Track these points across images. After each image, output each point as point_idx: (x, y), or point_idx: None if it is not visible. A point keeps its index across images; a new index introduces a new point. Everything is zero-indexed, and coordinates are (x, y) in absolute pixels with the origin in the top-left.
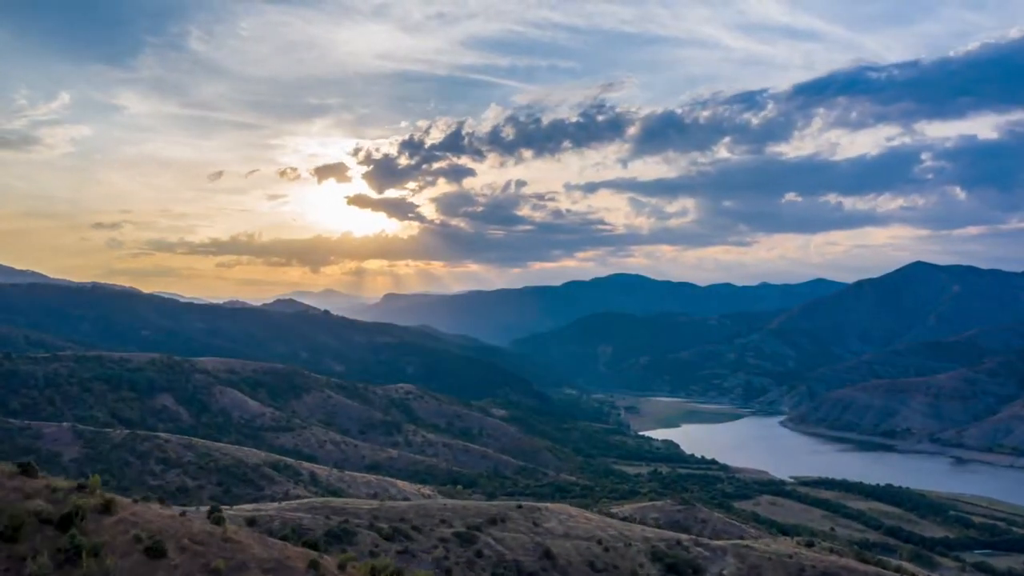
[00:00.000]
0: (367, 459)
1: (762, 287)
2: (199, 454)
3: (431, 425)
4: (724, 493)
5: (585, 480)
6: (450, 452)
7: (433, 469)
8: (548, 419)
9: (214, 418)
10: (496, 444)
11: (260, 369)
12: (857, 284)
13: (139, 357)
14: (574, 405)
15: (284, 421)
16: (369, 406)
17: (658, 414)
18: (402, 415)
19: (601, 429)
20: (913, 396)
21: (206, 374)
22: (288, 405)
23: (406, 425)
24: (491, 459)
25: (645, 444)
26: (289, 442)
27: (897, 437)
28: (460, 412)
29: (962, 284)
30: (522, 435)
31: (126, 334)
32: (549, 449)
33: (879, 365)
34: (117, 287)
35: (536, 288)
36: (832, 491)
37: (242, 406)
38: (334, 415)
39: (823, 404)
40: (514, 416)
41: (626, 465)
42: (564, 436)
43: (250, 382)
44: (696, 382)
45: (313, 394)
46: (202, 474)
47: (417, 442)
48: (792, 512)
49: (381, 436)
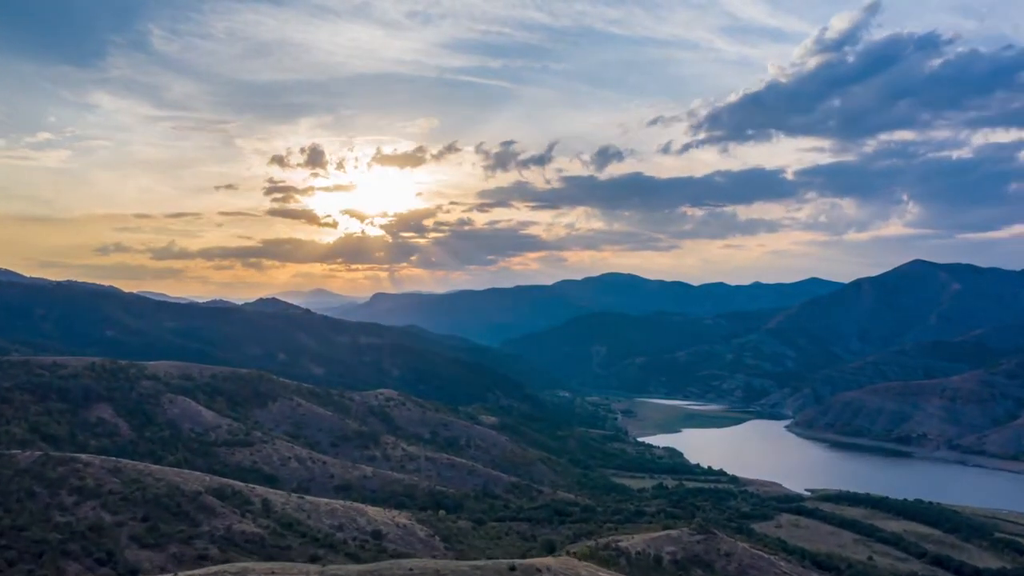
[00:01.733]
0: (336, 478)
1: (755, 286)
2: (126, 480)
3: (413, 436)
4: (740, 513)
5: (585, 498)
6: (434, 467)
7: (413, 489)
8: (542, 426)
9: (159, 432)
10: (486, 456)
11: (221, 374)
12: (855, 283)
13: (76, 362)
14: (568, 409)
15: (243, 434)
16: (344, 415)
17: (656, 418)
18: (381, 425)
19: (598, 436)
20: (927, 399)
21: (155, 381)
22: (250, 415)
23: (384, 436)
24: (480, 475)
25: (646, 453)
26: (246, 459)
27: (913, 443)
28: (446, 420)
29: (961, 282)
30: (514, 445)
31: (90, 335)
32: (544, 461)
33: (886, 366)
34: (87, 285)
35: (527, 287)
36: (858, 508)
37: (194, 417)
38: (302, 426)
39: (831, 408)
40: (505, 424)
41: (627, 478)
42: (559, 445)
43: (207, 389)
44: (693, 383)
45: (280, 402)
46: (125, 507)
47: (396, 456)
48: (819, 535)
49: (355, 450)
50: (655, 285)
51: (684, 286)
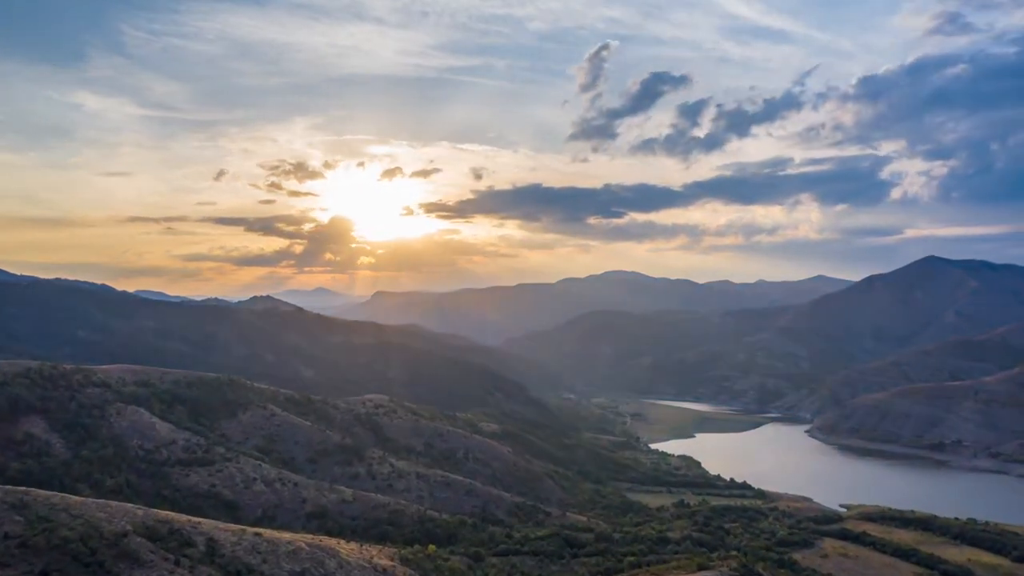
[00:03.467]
0: (310, 503)
1: (760, 284)
2: (32, 519)
3: (404, 447)
4: (778, 539)
5: (599, 522)
6: (426, 486)
7: (400, 515)
8: (548, 433)
9: (101, 450)
10: (486, 471)
11: (185, 379)
12: (867, 280)
13: (9, 367)
14: (575, 413)
15: (201, 450)
16: (326, 425)
17: (668, 421)
18: (368, 435)
19: (608, 443)
20: (959, 403)
21: (104, 388)
22: (216, 427)
23: (371, 450)
24: (478, 494)
25: (662, 463)
26: (203, 481)
27: (947, 451)
28: (442, 430)
29: (978, 279)
30: (518, 458)
31: (64, 334)
32: (551, 475)
33: (909, 367)
34: (64, 282)
35: (530, 285)
36: (908, 530)
37: (145, 431)
38: (276, 439)
39: (856, 411)
40: (507, 432)
41: (644, 493)
42: (567, 455)
43: (166, 397)
44: (704, 384)
45: (252, 411)
46: (20, 556)
47: (383, 473)
48: (873, 567)
49: (336, 466)
50: (660, 283)
51: (689, 284)
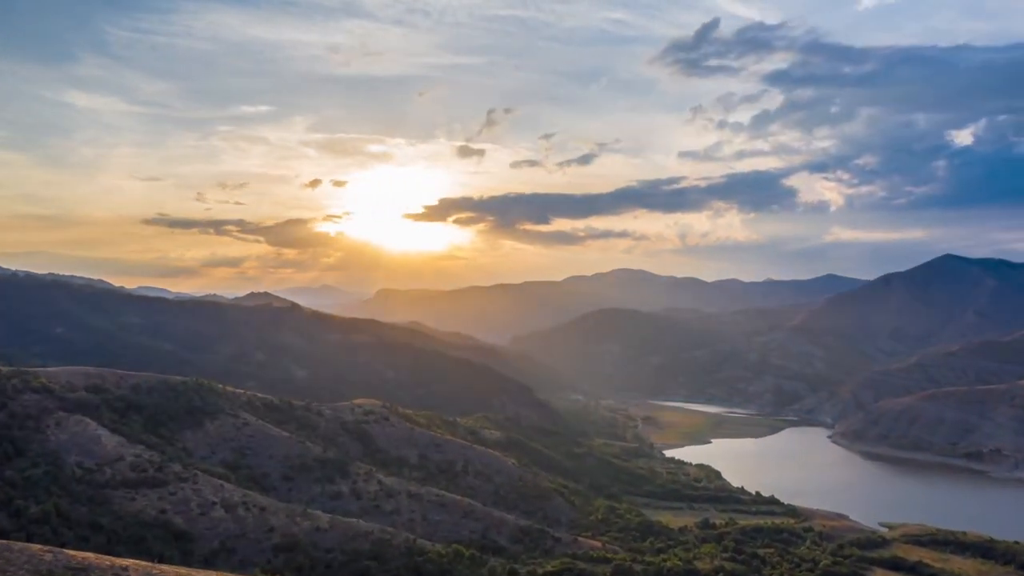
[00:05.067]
0: (278, 531)
1: (767, 283)
2: None
3: (396, 460)
4: (821, 570)
5: (616, 548)
6: (418, 508)
7: (385, 546)
8: (556, 440)
9: (29, 469)
10: (488, 487)
11: (146, 384)
12: (884, 278)
13: None
14: (584, 417)
15: (154, 468)
16: (308, 434)
17: (681, 425)
18: (356, 446)
19: (620, 450)
20: (995, 408)
21: (45, 394)
22: (177, 439)
23: (356, 465)
24: (478, 517)
25: (679, 473)
26: (152, 506)
27: (986, 460)
28: (439, 439)
29: (997, 278)
30: (524, 471)
31: (41, 331)
32: (560, 491)
33: (933, 368)
34: (44, 277)
35: (535, 283)
36: (964, 556)
37: (88, 445)
38: (247, 452)
39: (882, 416)
40: (513, 440)
41: (663, 509)
42: (577, 464)
43: (120, 405)
44: (716, 385)
45: (221, 420)
46: None
47: (369, 492)
48: None
49: (315, 484)
50: (666, 281)
51: (695, 282)
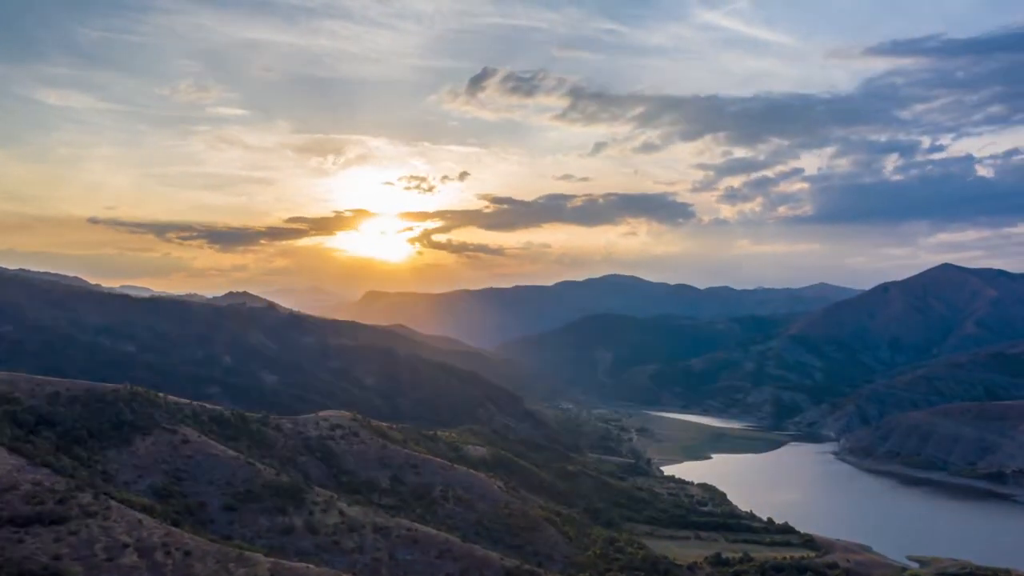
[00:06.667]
0: None
1: (760, 291)
2: None
3: (365, 484)
4: None
5: None
6: (385, 544)
7: None
8: (546, 456)
9: None
10: (470, 515)
11: (69, 393)
12: (882, 287)
13: None
14: (575, 429)
15: (56, 499)
16: (262, 453)
17: (678, 438)
18: (318, 468)
19: (615, 466)
20: (1014, 424)
21: None
22: (97, 460)
23: (314, 492)
24: (456, 556)
25: (682, 495)
26: (45, 550)
27: (1009, 482)
28: (416, 459)
29: (997, 288)
30: (511, 497)
31: None
32: (552, 520)
33: (940, 381)
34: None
35: (525, 288)
36: None
37: None
38: (184, 476)
39: (891, 432)
40: (499, 458)
41: (668, 539)
42: (570, 486)
43: (28, 419)
44: (712, 396)
45: (155, 436)
46: None
47: (327, 526)
48: None
49: (264, 516)
50: (659, 287)
51: (689, 288)
